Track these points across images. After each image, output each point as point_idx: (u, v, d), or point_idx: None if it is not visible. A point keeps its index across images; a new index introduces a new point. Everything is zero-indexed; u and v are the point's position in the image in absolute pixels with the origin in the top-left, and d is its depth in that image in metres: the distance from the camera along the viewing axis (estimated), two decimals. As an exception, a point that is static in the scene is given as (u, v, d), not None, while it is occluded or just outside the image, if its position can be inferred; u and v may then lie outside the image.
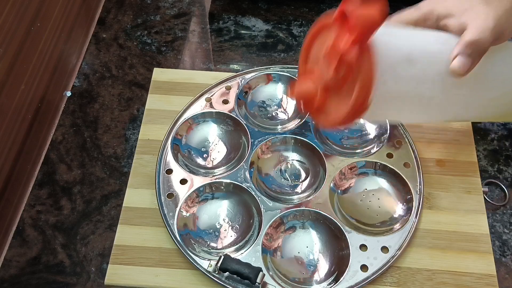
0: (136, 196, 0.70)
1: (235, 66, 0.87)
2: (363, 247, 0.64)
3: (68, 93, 0.83)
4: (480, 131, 0.78)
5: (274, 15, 0.94)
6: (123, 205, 0.70)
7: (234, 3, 0.95)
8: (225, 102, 0.77)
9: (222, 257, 0.61)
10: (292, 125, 0.75)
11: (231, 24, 0.93)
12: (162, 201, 0.68)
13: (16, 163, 0.74)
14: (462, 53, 0.55)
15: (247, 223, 0.67)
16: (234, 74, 0.80)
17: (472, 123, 0.76)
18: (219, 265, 0.61)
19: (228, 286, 0.61)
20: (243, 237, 0.66)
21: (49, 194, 0.73)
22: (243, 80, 0.79)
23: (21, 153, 0.75)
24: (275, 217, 0.66)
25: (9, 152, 0.72)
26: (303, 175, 0.72)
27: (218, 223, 0.68)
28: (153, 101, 0.79)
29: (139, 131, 0.76)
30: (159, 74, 0.82)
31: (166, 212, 0.67)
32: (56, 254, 0.68)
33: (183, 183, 0.70)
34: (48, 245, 0.69)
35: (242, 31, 0.92)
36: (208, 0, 0.97)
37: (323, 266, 0.64)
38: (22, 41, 0.73)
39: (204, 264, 0.63)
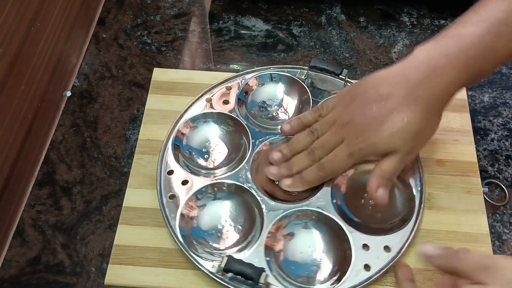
0: (136, 196, 0.70)
1: (235, 66, 0.87)
2: (365, 246, 0.64)
3: (68, 93, 0.83)
4: (480, 131, 0.78)
5: (274, 15, 0.94)
6: (123, 205, 0.69)
7: (234, 3, 0.95)
8: (226, 102, 0.77)
9: (226, 258, 0.61)
10: None
11: (231, 24, 0.93)
12: (164, 202, 0.68)
13: (16, 163, 0.74)
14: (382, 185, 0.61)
15: (249, 223, 0.67)
16: (234, 74, 0.80)
17: (472, 123, 0.76)
18: (223, 266, 0.61)
19: (231, 287, 0.61)
20: (246, 238, 0.66)
21: (49, 194, 0.73)
22: (243, 80, 0.79)
23: (21, 153, 0.75)
24: (277, 217, 0.66)
25: (9, 152, 0.72)
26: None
27: (220, 224, 0.67)
28: (153, 101, 0.79)
29: (139, 131, 0.76)
30: (159, 74, 0.82)
31: (168, 213, 0.67)
32: (56, 254, 0.68)
33: (185, 184, 0.70)
34: (48, 245, 0.69)
35: (242, 31, 0.92)
36: (208, 0, 0.97)
37: (326, 266, 0.64)
38: (22, 41, 0.73)
39: (207, 265, 0.63)
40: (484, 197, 0.70)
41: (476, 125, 0.78)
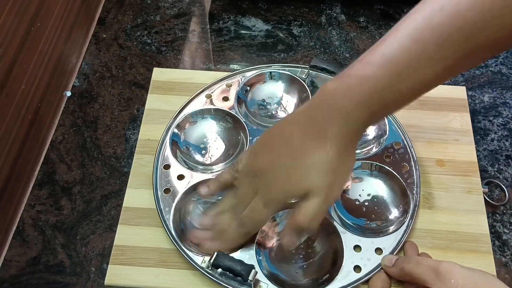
0: (136, 196, 0.70)
1: (235, 66, 0.87)
2: (357, 247, 0.64)
3: (68, 93, 0.84)
4: (480, 131, 0.78)
5: (274, 15, 0.94)
6: (123, 205, 0.70)
7: (234, 3, 0.95)
8: (225, 99, 0.77)
9: (215, 253, 0.61)
10: None
11: (231, 24, 0.93)
12: (159, 195, 0.68)
13: (16, 163, 0.74)
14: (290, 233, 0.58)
15: None
16: (234, 72, 0.80)
17: (472, 123, 0.76)
18: (212, 261, 0.61)
19: (221, 283, 0.62)
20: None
21: (49, 194, 0.73)
22: (243, 78, 0.79)
23: (21, 153, 0.75)
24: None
25: (9, 152, 0.72)
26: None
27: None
28: (153, 101, 0.79)
29: (139, 131, 0.76)
30: (159, 74, 0.82)
31: (162, 207, 0.67)
32: (56, 254, 0.68)
33: (181, 178, 0.70)
34: (48, 245, 0.69)
35: (242, 31, 0.92)
36: (208, 0, 0.97)
37: (317, 265, 0.64)
38: (22, 41, 0.73)
39: (198, 260, 0.63)
40: (484, 197, 0.70)
41: (476, 125, 0.78)
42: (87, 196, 0.73)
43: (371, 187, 0.70)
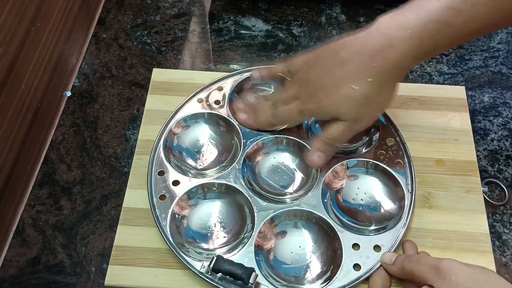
0: (136, 196, 0.70)
1: (235, 66, 0.87)
2: (355, 246, 0.64)
3: (68, 93, 0.84)
4: (480, 131, 0.78)
5: (274, 15, 0.94)
6: (123, 206, 0.69)
7: (234, 3, 0.95)
8: (217, 102, 0.77)
9: (215, 258, 0.61)
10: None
11: (231, 24, 0.93)
12: (154, 202, 0.68)
13: (16, 163, 0.74)
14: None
15: (239, 223, 0.67)
16: (228, 74, 0.80)
17: (472, 123, 0.76)
18: (211, 266, 0.61)
19: (221, 287, 0.61)
20: (236, 238, 0.66)
21: (49, 194, 0.73)
22: (236, 80, 0.79)
23: (21, 153, 0.75)
24: (268, 217, 0.66)
25: (9, 152, 0.72)
26: (296, 175, 0.72)
27: (211, 224, 0.67)
28: (152, 102, 0.79)
29: (139, 131, 0.76)
30: (158, 75, 0.82)
31: (158, 214, 0.67)
32: (56, 254, 0.68)
33: (175, 184, 0.69)
34: (48, 245, 0.69)
35: (242, 31, 0.92)
36: (208, 0, 0.97)
37: (316, 266, 0.64)
38: (22, 41, 0.73)
39: (197, 265, 0.63)
40: (484, 196, 0.70)
41: (476, 125, 0.78)
42: (87, 196, 0.73)
43: (367, 185, 0.70)
